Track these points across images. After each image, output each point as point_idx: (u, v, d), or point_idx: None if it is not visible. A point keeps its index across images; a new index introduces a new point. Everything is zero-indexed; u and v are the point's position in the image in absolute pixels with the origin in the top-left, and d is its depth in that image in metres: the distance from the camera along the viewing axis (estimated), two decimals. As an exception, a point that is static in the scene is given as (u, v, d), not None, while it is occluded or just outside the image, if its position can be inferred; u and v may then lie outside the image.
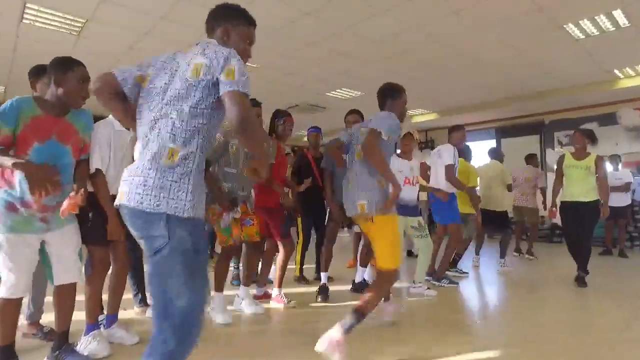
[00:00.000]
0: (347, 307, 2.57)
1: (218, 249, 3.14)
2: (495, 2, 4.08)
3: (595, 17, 4.43)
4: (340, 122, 4.28)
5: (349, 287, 3.94)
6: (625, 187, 6.16)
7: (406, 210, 3.71)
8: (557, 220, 4.57)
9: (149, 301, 3.00)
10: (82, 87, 2.00)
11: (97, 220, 2.23)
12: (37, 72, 2.32)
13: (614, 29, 4.69)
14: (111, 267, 2.44)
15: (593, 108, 7.86)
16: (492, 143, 9.55)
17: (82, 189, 1.93)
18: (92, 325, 2.27)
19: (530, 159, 6.38)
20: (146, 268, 1.33)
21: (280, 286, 3.42)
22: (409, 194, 3.79)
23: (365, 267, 3.90)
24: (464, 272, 4.78)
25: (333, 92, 7.54)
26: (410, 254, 6.06)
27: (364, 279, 3.91)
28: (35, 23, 4.58)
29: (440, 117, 9.18)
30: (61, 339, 2.09)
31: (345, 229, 5.48)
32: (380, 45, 5.23)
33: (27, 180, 1.75)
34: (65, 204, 1.82)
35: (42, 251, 2.01)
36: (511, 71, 6.28)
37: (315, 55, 5.55)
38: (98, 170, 2.24)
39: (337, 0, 4.05)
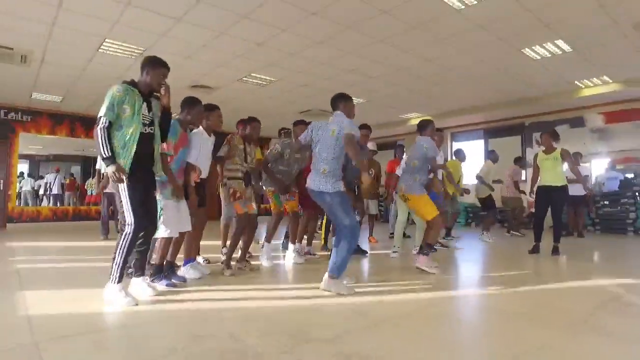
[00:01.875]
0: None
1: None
2: (471, 35, 5.38)
3: (544, 44, 5.68)
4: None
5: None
6: (583, 180, 7.39)
7: None
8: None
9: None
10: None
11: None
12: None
13: (560, 52, 5.93)
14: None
15: (565, 112, 9.07)
16: (481, 143, 10.79)
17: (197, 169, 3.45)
18: (188, 260, 3.60)
19: (518, 160, 7.90)
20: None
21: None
22: None
23: None
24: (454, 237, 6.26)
25: (339, 100, 8.82)
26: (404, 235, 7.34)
27: (357, 245, 5.20)
28: (107, 52, 5.92)
29: (435, 120, 10.39)
30: (171, 265, 3.40)
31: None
32: (381, 65, 6.52)
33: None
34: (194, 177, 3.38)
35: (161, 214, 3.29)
36: (493, 82, 7.53)
37: (325, 72, 6.85)
38: (190, 164, 3.57)
39: (343, 38, 5.36)
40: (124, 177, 2.59)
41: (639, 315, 2.59)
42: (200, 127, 3.70)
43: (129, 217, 2.68)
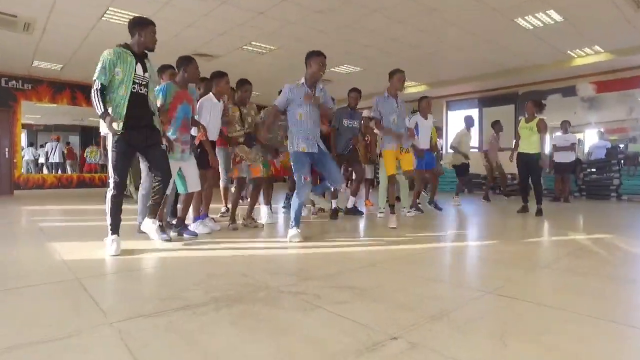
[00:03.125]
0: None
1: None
2: (461, 6, 5.52)
3: (536, 14, 5.84)
4: (342, 92, 5.81)
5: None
6: (571, 147, 7.70)
7: None
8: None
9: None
10: (197, 72, 3.60)
11: (202, 156, 3.85)
12: (164, 68, 3.90)
13: (553, 22, 6.09)
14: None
15: (557, 82, 9.27)
16: (475, 112, 11.01)
17: (202, 127, 3.70)
18: (197, 217, 3.93)
19: (494, 124, 7.98)
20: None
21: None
22: None
23: (354, 195, 5.60)
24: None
25: (337, 68, 8.97)
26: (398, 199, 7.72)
27: (354, 206, 5.60)
28: (110, 20, 6.04)
29: (431, 89, 10.59)
30: (182, 222, 3.73)
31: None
32: (376, 34, 6.68)
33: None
34: (200, 135, 3.65)
35: (179, 174, 3.58)
36: (486, 52, 7.70)
37: (324, 41, 6.99)
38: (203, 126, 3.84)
39: (340, 7, 5.50)
40: (117, 127, 2.78)
41: (599, 260, 2.96)
42: (210, 93, 3.96)
43: (111, 175, 2.94)
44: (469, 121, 7.29)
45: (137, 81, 2.94)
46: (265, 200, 4.87)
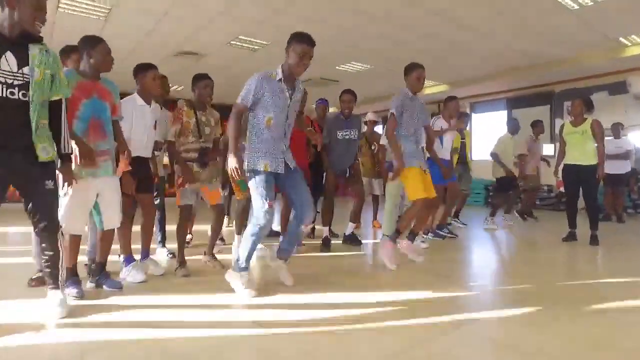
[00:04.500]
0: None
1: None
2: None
3: (585, -12, 4.61)
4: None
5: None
6: (625, 155, 6.34)
7: None
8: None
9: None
10: (109, 57, 2.55)
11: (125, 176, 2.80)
12: (66, 51, 2.88)
13: (605, -1, 4.84)
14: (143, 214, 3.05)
15: (602, 77, 7.89)
16: (504, 114, 9.70)
17: (127, 152, 2.59)
18: (129, 257, 2.90)
19: (535, 125, 6.56)
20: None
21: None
22: None
23: (355, 222, 4.49)
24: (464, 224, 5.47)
25: (342, 66, 7.89)
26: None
27: (352, 233, 4.48)
28: (67, 11, 5.16)
29: (451, 89, 9.36)
30: (101, 268, 2.70)
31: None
32: (384, 22, 5.56)
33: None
34: (121, 165, 2.53)
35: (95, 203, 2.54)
36: (513, 42, 6.45)
37: (322, 34, 5.92)
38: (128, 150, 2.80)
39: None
40: None
41: None
42: (135, 93, 2.94)
43: None
44: (513, 125, 6.00)
45: (3, 79, 1.93)
46: (236, 229, 3.82)
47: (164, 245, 3.72)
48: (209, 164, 3.21)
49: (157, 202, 3.59)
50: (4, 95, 1.94)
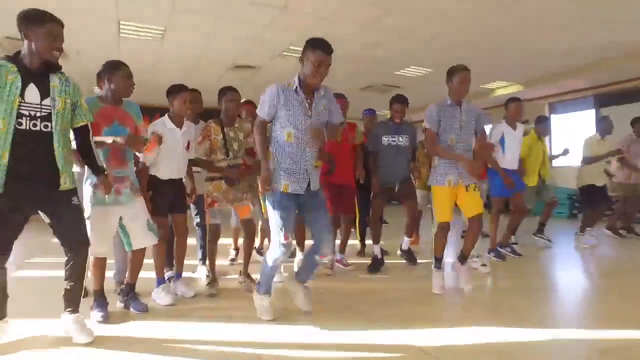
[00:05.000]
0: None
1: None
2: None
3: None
4: (413, 102, 4.53)
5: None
6: None
7: None
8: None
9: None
10: (129, 82, 2.53)
11: (154, 197, 2.80)
12: (98, 74, 2.93)
13: None
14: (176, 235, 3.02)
15: None
16: (591, 114, 8.56)
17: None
18: (161, 279, 2.89)
19: (636, 122, 5.53)
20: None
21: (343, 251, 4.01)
22: None
23: (410, 237, 4.12)
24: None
25: (402, 71, 7.51)
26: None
27: (409, 248, 4.15)
28: (128, 35, 5.48)
29: (526, 89, 8.49)
30: (130, 289, 2.70)
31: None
32: (445, 20, 5.13)
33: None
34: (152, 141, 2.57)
35: (121, 226, 2.56)
36: (599, 28, 5.57)
37: (377, 36, 5.65)
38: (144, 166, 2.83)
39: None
40: None
41: None
42: (165, 116, 2.92)
43: None
44: (605, 125, 5.16)
45: (27, 112, 1.96)
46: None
47: (204, 263, 3.69)
48: (237, 182, 3.10)
49: (197, 220, 3.59)
50: (28, 127, 1.96)
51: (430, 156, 3.69)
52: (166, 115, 2.93)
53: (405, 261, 4.09)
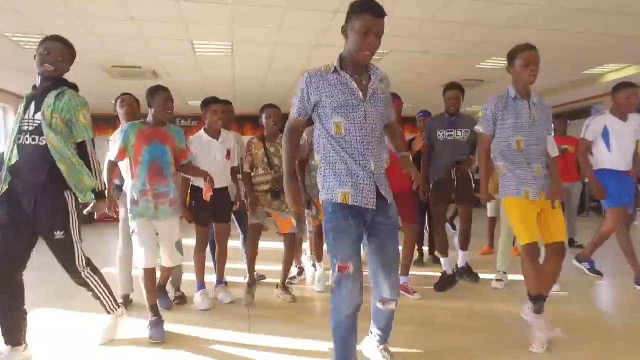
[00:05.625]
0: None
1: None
2: None
3: None
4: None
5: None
6: None
7: None
8: None
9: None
10: (166, 105, 2.69)
11: (197, 207, 2.99)
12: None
13: None
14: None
15: None
16: None
17: (209, 178, 2.75)
18: (200, 284, 3.09)
19: None
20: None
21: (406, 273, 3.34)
22: None
23: (465, 249, 3.69)
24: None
25: (482, 64, 6.87)
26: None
27: (466, 264, 3.72)
28: (202, 53, 5.94)
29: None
30: (159, 288, 2.92)
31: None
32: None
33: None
34: (205, 191, 2.73)
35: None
36: None
37: (456, 28, 5.26)
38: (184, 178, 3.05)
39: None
40: None
41: None
42: (202, 129, 3.10)
43: None
44: None
45: (24, 127, 2.08)
46: (316, 255, 3.63)
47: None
48: (281, 195, 3.12)
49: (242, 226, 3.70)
50: (27, 142, 2.07)
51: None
52: (202, 128, 3.11)
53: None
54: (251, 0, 4.22)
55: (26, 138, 2.08)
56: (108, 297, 2.38)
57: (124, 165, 2.84)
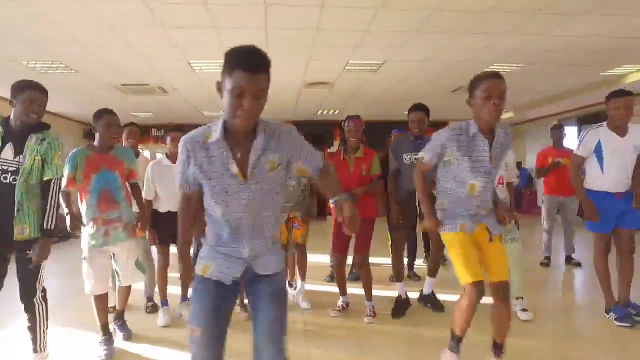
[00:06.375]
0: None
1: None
2: None
3: None
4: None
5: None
6: None
7: None
8: None
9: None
10: (109, 131, 2.69)
11: (156, 229, 3.22)
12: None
13: None
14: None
15: None
16: None
17: (141, 223, 2.92)
18: (164, 301, 3.30)
19: None
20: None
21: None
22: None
23: (433, 276, 3.56)
24: None
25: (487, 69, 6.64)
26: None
27: (432, 292, 3.61)
28: (202, 70, 6.18)
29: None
30: (120, 315, 3.06)
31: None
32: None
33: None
34: (137, 231, 2.87)
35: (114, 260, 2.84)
36: None
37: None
38: (147, 201, 3.20)
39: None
40: None
41: None
42: (163, 155, 3.29)
43: None
44: None
45: (2, 167, 2.25)
46: (300, 273, 3.71)
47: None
48: None
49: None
50: (5, 180, 2.23)
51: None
52: (164, 154, 3.31)
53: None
54: (237, 24, 4.41)
55: (4, 177, 2.25)
56: (44, 333, 2.47)
57: None
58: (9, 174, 2.25)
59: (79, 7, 3.81)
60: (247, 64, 1.33)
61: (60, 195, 2.67)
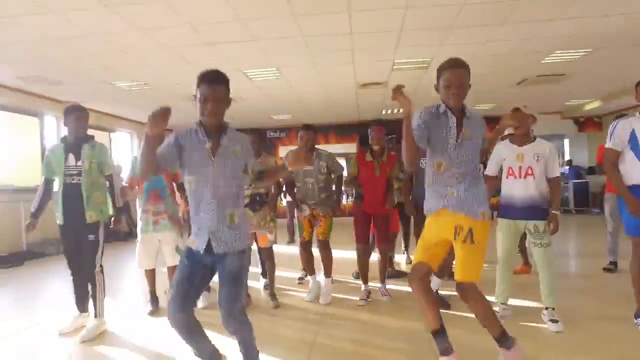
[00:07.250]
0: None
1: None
2: None
3: None
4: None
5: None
6: None
7: (515, 211, 3.07)
8: None
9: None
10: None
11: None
12: None
13: None
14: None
15: None
16: None
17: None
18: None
19: None
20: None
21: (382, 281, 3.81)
22: (517, 189, 3.08)
23: (441, 277, 3.35)
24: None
25: (547, 59, 6.18)
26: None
27: (437, 291, 3.35)
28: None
29: None
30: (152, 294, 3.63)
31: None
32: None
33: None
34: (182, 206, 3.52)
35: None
36: None
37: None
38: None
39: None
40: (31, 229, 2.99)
41: None
42: None
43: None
44: None
45: (68, 172, 2.96)
46: (325, 269, 3.77)
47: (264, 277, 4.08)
48: (260, 210, 3.51)
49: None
50: (75, 181, 2.96)
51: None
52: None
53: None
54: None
55: (72, 179, 2.97)
56: (102, 302, 3.09)
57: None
58: (75, 176, 2.99)
59: (141, 34, 4.61)
60: (208, 79, 1.84)
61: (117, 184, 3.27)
